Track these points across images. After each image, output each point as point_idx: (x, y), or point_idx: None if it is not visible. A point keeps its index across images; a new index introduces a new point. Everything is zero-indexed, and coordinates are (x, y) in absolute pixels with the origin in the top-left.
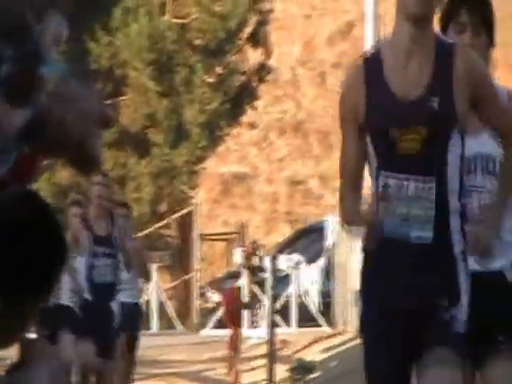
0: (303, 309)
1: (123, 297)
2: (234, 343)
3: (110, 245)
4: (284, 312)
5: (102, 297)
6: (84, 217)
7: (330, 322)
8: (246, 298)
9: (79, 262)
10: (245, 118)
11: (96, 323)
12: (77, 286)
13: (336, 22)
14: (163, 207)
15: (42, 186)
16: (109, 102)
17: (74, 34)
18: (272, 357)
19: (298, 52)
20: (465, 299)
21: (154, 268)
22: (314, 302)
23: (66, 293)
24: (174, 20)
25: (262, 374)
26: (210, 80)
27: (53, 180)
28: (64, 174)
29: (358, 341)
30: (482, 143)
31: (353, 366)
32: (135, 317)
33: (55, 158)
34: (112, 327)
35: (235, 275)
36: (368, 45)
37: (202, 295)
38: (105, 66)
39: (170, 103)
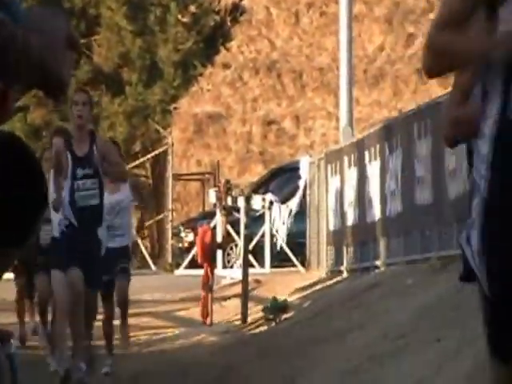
0: (276, 249)
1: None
2: (208, 283)
3: (91, 165)
4: (258, 252)
5: (86, 221)
6: (66, 140)
7: (304, 263)
8: (219, 237)
9: (65, 188)
10: (218, 58)
11: (82, 250)
12: (63, 214)
13: None
14: (137, 147)
15: (17, 126)
16: (82, 41)
17: None
18: (245, 296)
19: None
20: None
21: None
22: (286, 243)
23: (56, 225)
24: None
25: (235, 314)
26: (184, 19)
27: (27, 120)
28: (38, 114)
29: (331, 281)
30: None
31: (325, 306)
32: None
33: (22, 84)
34: (98, 256)
35: (209, 215)
36: None
37: (176, 235)
38: (78, 4)
39: (144, 42)
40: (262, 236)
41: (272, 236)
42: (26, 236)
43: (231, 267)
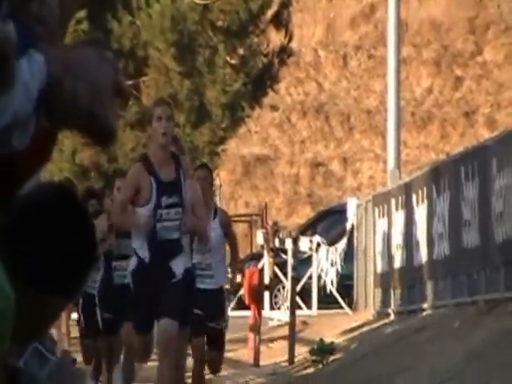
0: (324, 291)
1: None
2: (255, 324)
3: (177, 192)
4: (305, 294)
5: (162, 256)
6: (146, 163)
7: (351, 305)
8: (267, 279)
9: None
10: (266, 100)
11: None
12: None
13: (358, 4)
14: None
15: (65, 167)
16: (131, 82)
17: (96, 13)
18: (292, 338)
19: (320, 34)
20: None
21: None
22: (334, 284)
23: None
24: (197, 0)
25: (282, 356)
26: (232, 61)
27: (75, 160)
28: (86, 154)
29: (378, 323)
30: None
31: (373, 348)
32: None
33: (68, 129)
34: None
35: (257, 257)
36: (390, 27)
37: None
38: (126, 46)
39: (192, 84)
40: (310, 278)
41: (319, 278)
42: (77, 288)
43: (278, 309)
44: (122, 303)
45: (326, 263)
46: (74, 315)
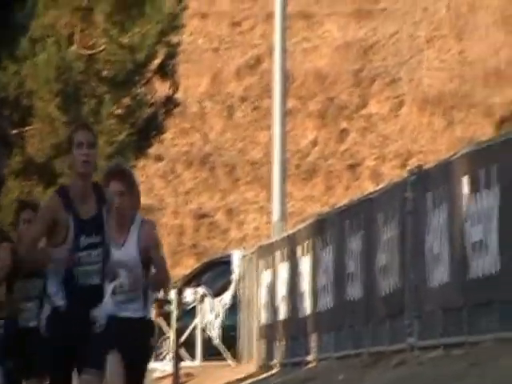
0: (208, 342)
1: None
2: None
3: (98, 231)
4: (189, 345)
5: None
6: (64, 197)
7: (235, 356)
8: None
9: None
10: (151, 150)
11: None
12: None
13: (244, 55)
14: None
15: None
16: (15, 131)
17: None
18: None
19: (205, 85)
20: None
21: None
22: (218, 336)
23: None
24: (82, 51)
25: None
26: (118, 111)
27: None
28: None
29: (262, 376)
30: None
31: None
32: None
33: None
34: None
35: None
36: (276, 79)
37: None
38: (12, 94)
39: None
40: (194, 329)
41: (204, 329)
42: None
43: (162, 360)
44: (29, 349)
45: (210, 315)
46: None
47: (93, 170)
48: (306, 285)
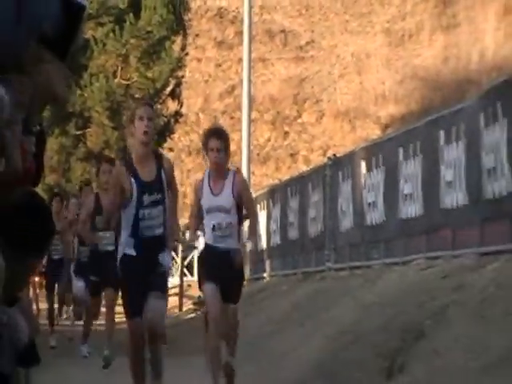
0: None
1: None
2: None
3: (159, 190)
4: (190, 266)
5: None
6: (127, 164)
7: None
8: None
9: (127, 218)
10: (166, 144)
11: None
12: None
13: (224, 85)
14: None
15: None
16: (80, 132)
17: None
18: (181, 295)
19: (200, 103)
20: None
21: None
22: None
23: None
24: (122, 81)
25: (174, 307)
26: None
27: (45, 181)
28: (51, 178)
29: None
30: None
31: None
32: None
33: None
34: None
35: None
36: (244, 100)
37: None
38: (77, 109)
39: (120, 133)
40: (193, 257)
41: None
42: (41, 252)
43: (173, 276)
44: (107, 268)
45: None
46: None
47: (152, 139)
48: (263, 230)
